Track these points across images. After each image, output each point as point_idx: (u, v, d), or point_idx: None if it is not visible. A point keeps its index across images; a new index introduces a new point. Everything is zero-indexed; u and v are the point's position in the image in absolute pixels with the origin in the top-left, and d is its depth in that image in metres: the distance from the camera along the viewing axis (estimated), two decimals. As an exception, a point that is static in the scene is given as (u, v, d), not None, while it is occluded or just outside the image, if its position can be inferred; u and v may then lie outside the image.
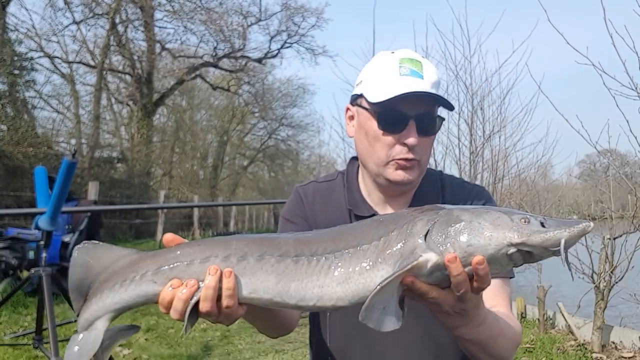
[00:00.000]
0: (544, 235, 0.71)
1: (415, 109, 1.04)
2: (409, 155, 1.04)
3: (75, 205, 6.44)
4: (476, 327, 0.85)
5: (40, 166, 3.15)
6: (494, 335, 0.91)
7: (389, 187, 1.11)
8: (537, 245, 0.71)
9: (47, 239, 2.84)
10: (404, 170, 1.06)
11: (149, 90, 17.51)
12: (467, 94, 5.52)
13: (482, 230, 0.72)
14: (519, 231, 0.71)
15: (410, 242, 0.74)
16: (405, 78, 1.03)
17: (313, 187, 1.21)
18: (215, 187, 23.61)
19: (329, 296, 0.75)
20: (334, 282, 0.75)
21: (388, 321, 0.72)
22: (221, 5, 18.20)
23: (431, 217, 0.75)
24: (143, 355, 4.06)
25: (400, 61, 1.05)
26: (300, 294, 0.75)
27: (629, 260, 4.06)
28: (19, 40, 13.91)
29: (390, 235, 0.76)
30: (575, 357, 3.96)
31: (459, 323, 0.82)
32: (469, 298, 0.75)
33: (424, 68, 1.06)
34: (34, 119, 13.46)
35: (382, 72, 1.06)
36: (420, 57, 1.09)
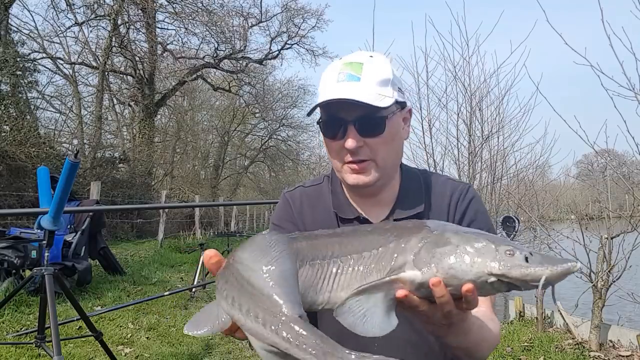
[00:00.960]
0: (524, 270, 0.73)
1: (353, 114, 1.04)
2: (354, 159, 1.06)
3: (77, 205, 6.48)
4: (462, 336, 0.89)
5: (42, 166, 3.19)
6: (478, 341, 0.96)
7: (356, 190, 1.14)
8: (517, 278, 0.73)
9: (49, 239, 2.87)
10: (357, 173, 1.08)
11: (150, 91, 17.56)
12: (465, 94, 5.55)
13: (466, 257, 0.74)
14: (501, 263, 0.73)
15: (402, 257, 0.76)
16: (340, 84, 1.05)
17: (300, 192, 1.24)
18: (216, 187, 23.64)
19: (334, 301, 0.76)
20: (339, 287, 0.77)
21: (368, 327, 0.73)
22: (222, 7, 18.26)
23: (425, 235, 0.78)
24: (144, 353, 4.09)
25: (341, 68, 1.07)
26: (314, 298, 0.77)
27: (627, 259, 4.08)
28: (21, 42, 13.98)
29: (388, 246, 0.78)
30: (573, 355, 3.98)
31: (446, 333, 0.86)
32: (455, 314, 0.78)
33: (365, 69, 1.06)
34: (37, 120, 13.51)
35: (325, 82, 1.09)
36: (366, 57, 1.09)
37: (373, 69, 1.07)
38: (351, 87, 1.04)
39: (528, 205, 5.49)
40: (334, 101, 1.02)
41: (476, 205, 1.17)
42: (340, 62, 1.10)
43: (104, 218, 7.31)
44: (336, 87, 1.05)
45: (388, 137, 1.08)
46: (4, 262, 5.17)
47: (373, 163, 1.08)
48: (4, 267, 5.18)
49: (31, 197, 9.27)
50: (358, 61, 1.08)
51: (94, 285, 6.31)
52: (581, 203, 5.95)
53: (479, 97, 5.56)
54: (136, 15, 17.06)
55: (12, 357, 3.63)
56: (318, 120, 1.11)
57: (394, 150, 1.12)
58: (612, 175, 4.64)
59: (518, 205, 5.43)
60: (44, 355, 3.52)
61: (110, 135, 18.21)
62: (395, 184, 1.18)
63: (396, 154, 1.14)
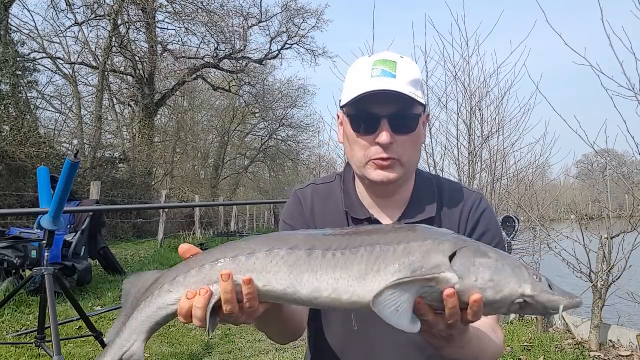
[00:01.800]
0: (551, 297, 0.77)
1: (388, 109, 1.04)
2: (384, 155, 1.05)
3: (77, 205, 6.48)
4: (459, 349, 0.89)
5: (42, 166, 3.19)
6: (476, 354, 0.96)
7: (375, 188, 1.13)
8: (542, 303, 0.77)
9: (49, 239, 2.87)
10: (383, 169, 1.06)
11: (150, 91, 17.56)
12: (465, 94, 5.55)
13: (505, 273, 0.77)
14: (534, 285, 0.77)
15: (434, 257, 0.76)
16: (375, 79, 1.04)
17: (311, 190, 1.22)
18: (216, 187, 23.65)
19: (344, 289, 0.76)
20: (350, 277, 0.76)
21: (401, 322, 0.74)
22: (222, 7, 18.26)
23: (459, 242, 0.79)
24: (144, 353, 4.10)
25: (373, 64, 1.07)
26: (315, 284, 0.76)
27: (627, 259, 4.08)
28: (21, 42, 13.99)
29: (412, 244, 0.78)
30: (573, 355, 3.98)
31: (444, 345, 0.87)
32: (457, 327, 0.79)
33: (399, 68, 1.05)
34: (37, 120, 13.51)
35: (356, 76, 1.08)
36: (397, 57, 1.09)
37: (407, 68, 1.06)
38: (388, 82, 1.03)
39: (528, 205, 5.49)
40: (375, 93, 1.01)
41: (489, 216, 1.17)
42: (371, 60, 1.09)
43: (104, 218, 7.31)
44: (371, 81, 1.04)
45: (416, 137, 1.08)
46: (4, 262, 5.17)
47: (399, 162, 1.07)
48: (4, 267, 5.18)
49: (31, 197, 9.27)
50: (391, 59, 1.07)
51: (94, 285, 6.31)
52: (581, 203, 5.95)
53: (479, 97, 5.56)
54: (136, 15, 17.07)
55: (12, 357, 3.63)
56: (348, 114, 1.09)
57: (418, 151, 1.13)
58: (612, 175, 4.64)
59: (518, 205, 5.43)
60: (44, 355, 3.52)
61: (110, 135, 18.22)
62: (409, 187, 1.17)
63: (418, 156, 1.14)
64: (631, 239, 4.12)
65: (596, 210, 4.85)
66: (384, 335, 1.10)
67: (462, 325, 0.80)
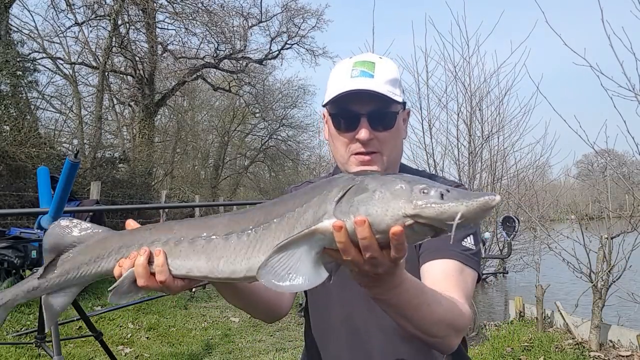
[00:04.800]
0: (439, 207, 0.67)
1: (366, 107, 1.09)
2: (365, 150, 1.11)
3: (77, 205, 6.48)
4: (391, 291, 0.85)
5: (42, 166, 3.19)
6: (414, 304, 0.90)
7: None
8: (432, 217, 0.67)
9: (49, 239, 2.87)
10: (365, 164, 1.12)
11: (150, 91, 17.56)
12: (465, 94, 5.55)
13: (381, 201, 0.70)
14: (414, 202, 0.68)
15: (323, 207, 0.74)
16: (354, 79, 1.10)
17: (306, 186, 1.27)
18: (216, 187, 23.65)
19: (256, 266, 0.75)
20: (260, 253, 0.76)
21: (295, 283, 0.71)
22: (222, 7, 18.26)
23: (346, 184, 0.75)
24: (144, 353, 4.10)
25: (353, 65, 1.13)
26: (230, 268, 0.79)
27: (627, 259, 4.08)
28: (21, 42, 13.98)
29: (312, 201, 0.76)
30: (573, 355, 3.98)
31: (372, 284, 0.83)
32: (381, 263, 0.74)
33: (377, 68, 1.11)
34: (37, 120, 13.51)
35: (337, 77, 1.14)
36: (376, 58, 1.15)
37: (384, 68, 1.12)
38: (366, 82, 1.09)
39: (528, 205, 5.50)
40: (353, 92, 1.07)
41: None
42: (351, 61, 1.15)
43: (104, 218, 7.31)
44: (350, 81, 1.10)
45: (396, 132, 1.14)
46: (4, 262, 5.17)
47: (380, 156, 1.12)
48: (4, 267, 5.18)
49: (31, 197, 9.26)
50: (370, 60, 1.13)
51: (94, 285, 6.31)
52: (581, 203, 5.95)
53: (479, 97, 5.57)
54: (136, 16, 17.06)
55: (12, 357, 3.63)
56: (330, 113, 1.15)
57: (399, 147, 1.18)
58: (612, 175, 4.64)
59: (518, 205, 5.43)
60: (44, 355, 3.52)
61: (110, 135, 18.22)
62: None
63: (399, 150, 1.19)
64: (631, 239, 4.12)
65: (596, 210, 4.85)
66: (367, 320, 1.14)
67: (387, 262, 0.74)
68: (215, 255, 0.81)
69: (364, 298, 1.12)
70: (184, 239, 0.85)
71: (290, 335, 4.91)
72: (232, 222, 0.83)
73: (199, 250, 0.83)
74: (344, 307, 1.16)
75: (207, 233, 0.84)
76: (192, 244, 0.84)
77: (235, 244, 0.80)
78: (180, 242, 0.85)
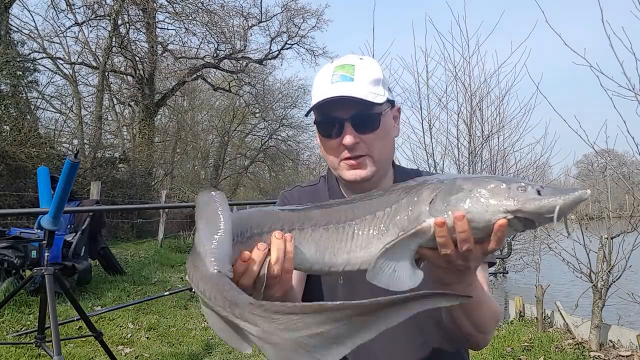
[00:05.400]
0: (539, 202, 0.75)
1: (349, 112, 1.09)
2: (352, 154, 1.11)
3: (77, 205, 6.48)
4: (466, 287, 0.90)
5: (42, 166, 3.19)
6: (478, 302, 0.96)
7: (352, 186, 1.18)
8: (532, 212, 0.75)
9: (49, 239, 2.87)
10: (354, 168, 1.13)
11: (150, 91, 17.56)
12: (465, 94, 5.55)
13: (480, 198, 0.76)
14: (515, 199, 0.75)
15: (417, 209, 0.79)
16: (335, 85, 1.10)
17: (298, 191, 1.29)
18: (216, 187, 23.58)
19: (354, 260, 0.80)
20: (357, 247, 0.80)
21: (400, 282, 0.77)
22: (222, 7, 18.25)
23: (437, 186, 0.80)
24: (145, 353, 4.09)
25: (334, 69, 1.13)
26: (332, 260, 0.81)
27: (627, 259, 4.08)
28: (21, 42, 13.98)
29: (401, 202, 0.81)
30: (573, 355, 3.98)
31: (454, 280, 0.87)
32: (474, 257, 0.80)
33: (357, 70, 1.11)
34: (37, 120, 13.50)
35: (319, 84, 1.15)
36: (356, 59, 1.15)
37: (364, 69, 1.12)
38: (346, 87, 1.09)
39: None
40: (332, 99, 1.07)
41: None
42: (332, 66, 1.15)
43: (104, 218, 7.31)
44: (331, 87, 1.10)
45: (382, 132, 1.13)
46: (4, 262, 5.17)
47: (369, 158, 1.13)
48: (4, 267, 5.18)
49: (31, 197, 9.27)
50: (349, 63, 1.13)
51: (94, 285, 6.30)
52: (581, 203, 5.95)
53: (479, 97, 5.57)
54: (136, 16, 17.05)
55: (12, 357, 3.63)
56: (315, 121, 1.17)
57: (388, 146, 1.18)
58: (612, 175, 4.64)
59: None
60: (44, 355, 3.52)
61: (110, 135, 18.21)
62: (388, 182, 1.21)
63: (389, 150, 1.19)
64: (631, 239, 4.12)
65: (596, 210, 4.85)
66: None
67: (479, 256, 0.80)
68: (322, 246, 0.81)
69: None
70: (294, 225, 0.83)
71: (290, 335, 4.91)
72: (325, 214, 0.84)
73: (309, 239, 0.82)
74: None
75: (309, 223, 0.83)
76: (301, 232, 0.83)
77: (336, 236, 0.81)
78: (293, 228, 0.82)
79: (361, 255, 0.79)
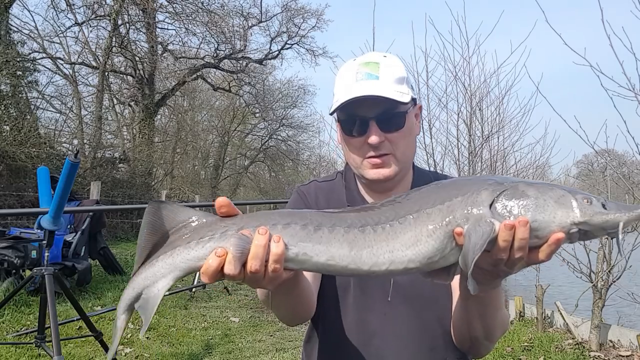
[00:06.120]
0: (605, 217, 0.74)
1: (374, 110, 1.08)
2: (377, 153, 1.10)
3: (77, 205, 6.48)
4: (495, 287, 0.89)
5: (42, 166, 3.19)
6: (495, 305, 0.97)
7: (373, 185, 1.17)
8: (597, 225, 0.74)
9: (49, 239, 2.87)
10: (378, 167, 1.12)
11: (150, 91, 17.57)
12: (465, 94, 5.54)
13: (547, 208, 0.74)
14: (582, 211, 0.74)
15: (476, 209, 0.76)
16: (360, 83, 1.09)
17: (314, 186, 1.27)
18: (216, 187, 23.65)
19: (399, 260, 0.78)
20: (403, 246, 0.78)
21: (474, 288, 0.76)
22: (222, 7, 18.25)
23: (496, 188, 0.78)
24: (145, 353, 4.09)
25: (358, 67, 1.11)
26: (373, 259, 0.78)
27: (627, 259, 4.08)
28: (21, 42, 13.98)
29: (454, 200, 0.78)
30: (573, 355, 3.98)
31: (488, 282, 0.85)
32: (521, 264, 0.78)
33: (381, 68, 1.10)
34: (37, 120, 13.50)
35: (343, 82, 1.13)
36: (380, 57, 1.14)
37: (389, 67, 1.11)
38: (372, 85, 1.07)
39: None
40: (359, 99, 1.05)
41: None
42: (356, 63, 1.13)
43: (104, 218, 7.32)
44: (356, 85, 1.08)
45: (407, 131, 1.12)
46: (4, 262, 5.17)
47: (393, 157, 1.12)
48: (4, 267, 5.18)
49: (31, 197, 9.27)
50: (374, 61, 1.12)
51: (94, 285, 6.31)
52: None
53: (479, 97, 5.55)
54: (136, 16, 17.06)
55: (12, 357, 3.63)
56: (337, 119, 1.15)
57: (411, 145, 1.16)
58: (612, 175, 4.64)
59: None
60: (44, 355, 3.52)
61: (110, 135, 18.22)
62: (407, 182, 1.20)
63: (412, 149, 1.18)
64: (631, 239, 4.12)
65: (596, 210, 4.85)
66: (383, 326, 1.13)
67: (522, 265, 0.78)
68: (359, 245, 0.79)
69: (381, 303, 1.13)
70: (324, 226, 0.80)
71: (290, 335, 4.91)
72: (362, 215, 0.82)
73: (340, 238, 0.79)
74: (359, 311, 1.15)
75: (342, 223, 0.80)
76: (332, 232, 0.79)
77: (374, 236, 0.79)
78: (320, 227, 0.79)
79: (408, 254, 0.77)
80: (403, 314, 1.12)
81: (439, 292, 1.13)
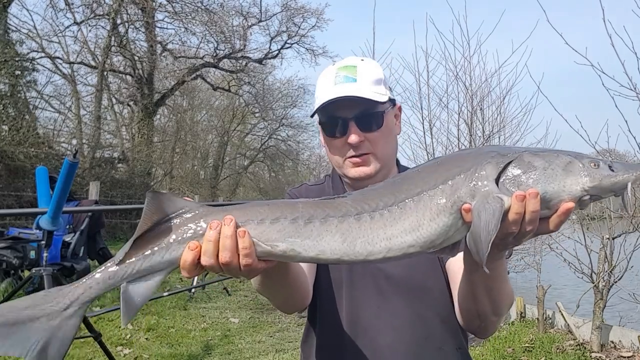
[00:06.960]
0: (614, 179, 0.73)
1: (353, 111, 1.13)
2: (357, 152, 1.14)
3: (76, 205, 6.46)
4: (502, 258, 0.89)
5: (41, 166, 3.18)
6: (501, 276, 0.96)
7: (356, 184, 1.18)
8: (607, 188, 0.73)
9: (48, 239, 2.86)
10: (359, 166, 1.16)
11: (149, 90, 17.54)
12: (466, 94, 5.53)
13: (556, 177, 0.72)
14: (591, 176, 0.72)
15: (481, 185, 0.73)
16: (338, 86, 1.14)
17: (305, 188, 1.32)
18: (215, 187, 23.63)
19: (398, 246, 0.75)
20: (403, 233, 0.75)
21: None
22: (222, 7, 18.23)
23: (500, 160, 0.74)
24: (144, 354, 4.08)
25: (336, 71, 1.17)
26: (368, 249, 0.76)
27: (628, 260, 4.07)
28: (20, 41, 13.95)
29: (457, 178, 0.75)
30: (574, 356, 3.97)
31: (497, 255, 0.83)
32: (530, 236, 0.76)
33: (359, 71, 1.15)
34: (36, 120, 13.49)
35: (322, 85, 1.18)
36: (358, 61, 1.18)
37: (366, 70, 1.16)
38: (349, 87, 1.12)
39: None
40: (337, 100, 1.10)
41: None
42: (334, 67, 1.18)
43: (103, 218, 7.30)
44: (334, 88, 1.13)
45: (385, 130, 1.16)
46: (3, 262, 5.15)
47: (373, 156, 1.16)
48: (3, 267, 5.17)
49: (30, 197, 9.25)
50: (352, 64, 1.17)
51: (93, 285, 6.28)
52: (582, 203, 5.96)
53: (480, 97, 5.54)
54: (135, 15, 17.03)
55: (12, 357, 3.61)
56: (319, 122, 1.20)
57: (391, 143, 1.20)
58: (614, 175, 4.64)
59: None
60: (43, 357, 3.49)
61: (109, 135, 18.20)
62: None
63: (393, 147, 1.22)
64: (632, 239, 4.11)
65: (597, 211, 4.83)
66: (378, 318, 1.15)
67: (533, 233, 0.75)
68: (352, 235, 0.76)
69: (374, 296, 1.15)
70: (315, 218, 0.76)
71: (290, 336, 4.89)
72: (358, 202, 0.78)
73: (333, 230, 0.76)
74: (353, 305, 1.17)
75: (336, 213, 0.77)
76: (324, 224, 0.76)
77: (370, 224, 0.76)
78: (311, 220, 0.76)
79: (408, 239, 0.74)
80: (396, 306, 1.15)
81: (433, 281, 1.15)
